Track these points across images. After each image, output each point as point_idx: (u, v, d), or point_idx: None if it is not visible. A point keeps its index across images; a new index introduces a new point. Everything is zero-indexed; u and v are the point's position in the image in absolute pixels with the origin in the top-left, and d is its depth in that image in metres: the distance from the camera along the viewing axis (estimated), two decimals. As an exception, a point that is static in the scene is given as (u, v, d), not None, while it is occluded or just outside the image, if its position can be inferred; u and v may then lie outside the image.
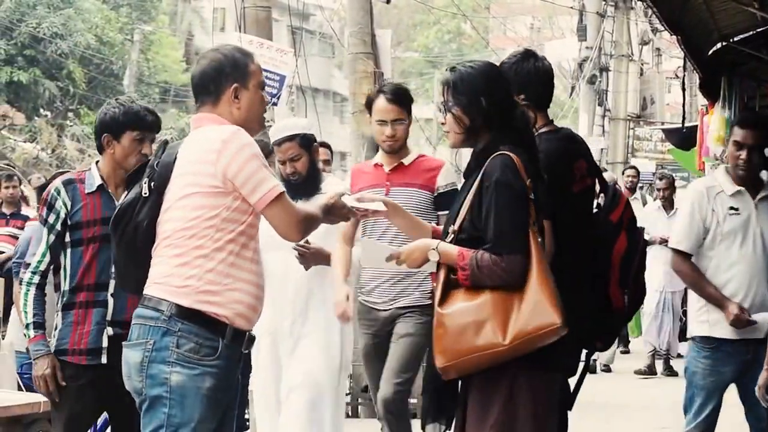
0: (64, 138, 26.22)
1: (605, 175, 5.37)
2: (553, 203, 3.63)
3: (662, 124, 20.13)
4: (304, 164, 5.04)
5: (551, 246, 3.69)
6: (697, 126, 10.59)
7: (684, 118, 10.61)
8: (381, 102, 5.02)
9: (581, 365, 4.09)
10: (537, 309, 3.27)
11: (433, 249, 3.40)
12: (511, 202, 3.36)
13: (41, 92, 25.64)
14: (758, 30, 8.13)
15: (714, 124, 9.38)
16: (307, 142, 5.07)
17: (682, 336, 10.25)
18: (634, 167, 13.73)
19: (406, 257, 3.47)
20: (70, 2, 26.35)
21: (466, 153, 3.67)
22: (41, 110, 26.57)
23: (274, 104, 7.62)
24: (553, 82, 4.20)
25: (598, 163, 4.64)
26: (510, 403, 3.35)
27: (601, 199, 4.21)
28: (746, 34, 8.47)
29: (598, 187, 4.18)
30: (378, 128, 5.04)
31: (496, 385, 3.36)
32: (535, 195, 3.42)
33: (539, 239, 3.40)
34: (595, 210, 4.20)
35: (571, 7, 20.01)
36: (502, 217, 3.34)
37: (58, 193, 4.20)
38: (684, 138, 11.89)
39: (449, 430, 3.57)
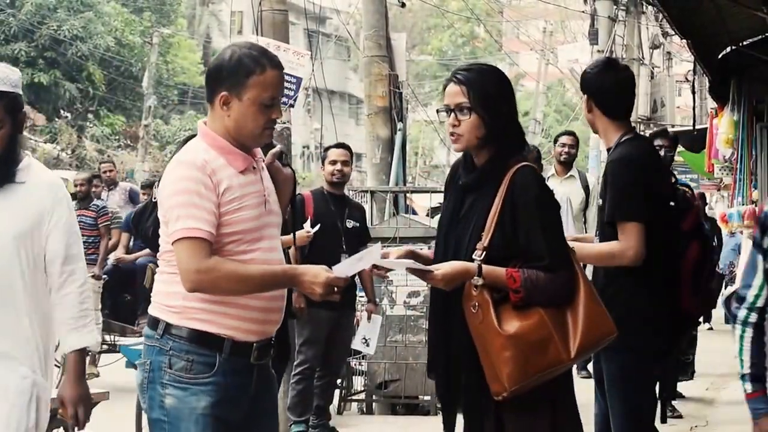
0: (83, 139, 26.51)
1: None
2: (652, 208, 3.82)
3: (672, 126, 20.18)
4: (3, 137, 3.33)
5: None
6: (706, 129, 10.72)
7: (694, 120, 10.75)
8: None
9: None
10: (595, 320, 3.22)
11: (477, 276, 3.21)
12: (555, 217, 3.30)
13: (61, 94, 25.90)
14: (767, 34, 8.26)
15: (723, 126, 9.50)
16: (13, 106, 3.35)
17: None
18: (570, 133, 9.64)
19: (445, 284, 3.26)
20: (90, 5, 26.60)
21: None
22: (61, 111, 26.86)
23: (291, 106, 7.74)
24: (633, 92, 4.20)
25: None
26: (560, 412, 3.30)
27: None
28: (755, 38, 8.60)
29: None
30: None
31: (540, 395, 3.25)
32: None
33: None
34: None
35: (583, 12, 20.09)
36: (552, 234, 3.25)
37: None
38: (694, 140, 12.02)
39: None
